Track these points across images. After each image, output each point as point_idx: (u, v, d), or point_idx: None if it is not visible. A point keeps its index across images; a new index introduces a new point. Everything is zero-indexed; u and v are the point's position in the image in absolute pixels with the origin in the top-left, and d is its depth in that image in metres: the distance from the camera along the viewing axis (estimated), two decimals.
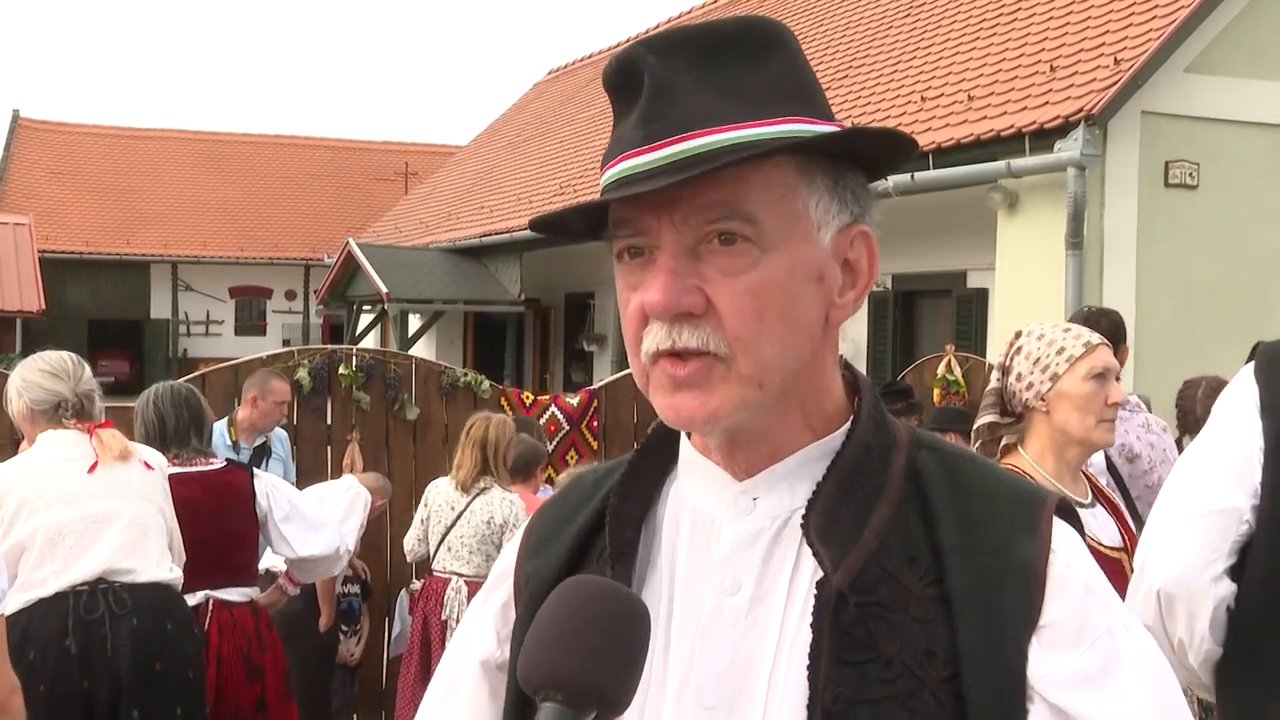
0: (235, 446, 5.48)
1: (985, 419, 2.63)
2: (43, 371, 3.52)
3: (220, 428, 5.58)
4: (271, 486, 4.17)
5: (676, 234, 0.94)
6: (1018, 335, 2.64)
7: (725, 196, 0.93)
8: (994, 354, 8.82)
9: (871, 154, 1.02)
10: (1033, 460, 2.54)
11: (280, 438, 5.85)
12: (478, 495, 4.95)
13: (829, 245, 0.99)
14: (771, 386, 0.96)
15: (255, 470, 4.28)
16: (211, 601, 3.94)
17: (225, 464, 4.13)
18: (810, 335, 0.98)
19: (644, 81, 0.96)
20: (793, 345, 0.96)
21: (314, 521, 4.23)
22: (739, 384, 0.95)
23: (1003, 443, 2.62)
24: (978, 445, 2.65)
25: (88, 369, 3.60)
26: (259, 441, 5.64)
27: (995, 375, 2.65)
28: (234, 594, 4.01)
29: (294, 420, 6.24)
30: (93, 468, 3.43)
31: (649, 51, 0.96)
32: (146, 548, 3.46)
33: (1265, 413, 2.04)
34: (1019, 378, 2.58)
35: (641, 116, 0.95)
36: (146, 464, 3.61)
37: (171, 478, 3.79)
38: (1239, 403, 2.09)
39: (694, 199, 0.93)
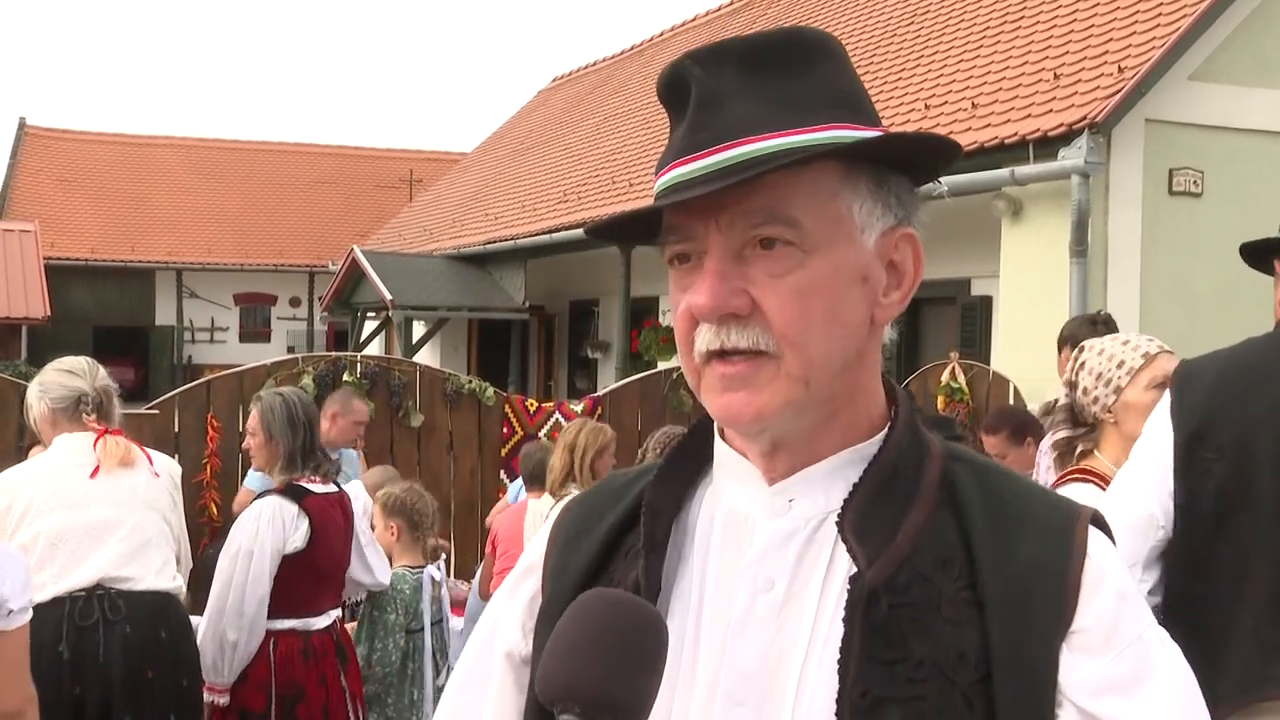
0: None
1: (1060, 434, 2.81)
2: (60, 371, 3.60)
3: None
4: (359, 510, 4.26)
5: (723, 238, 0.97)
6: (1080, 349, 2.80)
7: (769, 202, 0.96)
8: (998, 361, 8.84)
9: (913, 158, 1.04)
10: (1112, 465, 2.65)
11: (350, 458, 5.86)
12: (561, 500, 4.98)
13: (873, 247, 1.01)
14: (819, 385, 0.98)
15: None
16: (337, 621, 4.00)
17: (335, 486, 4.10)
18: (856, 335, 1.01)
19: (691, 92, 0.99)
20: (839, 344, 0.99)
21: (382, 550, 4.38)
22: (786, 381, 0.97)
23: (1078, 450, 2.76)
24: (1056, 457, 2.83)
25: (103, 370, 3.67)
26: (332, 454, 5.69)
27: (1063, 391, 2.81)
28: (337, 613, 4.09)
29: None
30: (94, 472, 3.45)
31: (695, 63, 0.99)
32: (147, 556, 3.47)
33: (1176, 423, 2.21)
34: (1085, 392, 2.73)
35: (690, 126, 0.99)
36: (154, 471, 3.61)
37: (320, 498, 3.84)
38: (1158, 418, 2.27)
39: (739, 204, 0.96)
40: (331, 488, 3.98)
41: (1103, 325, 4.04)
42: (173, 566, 3.58)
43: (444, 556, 4.87)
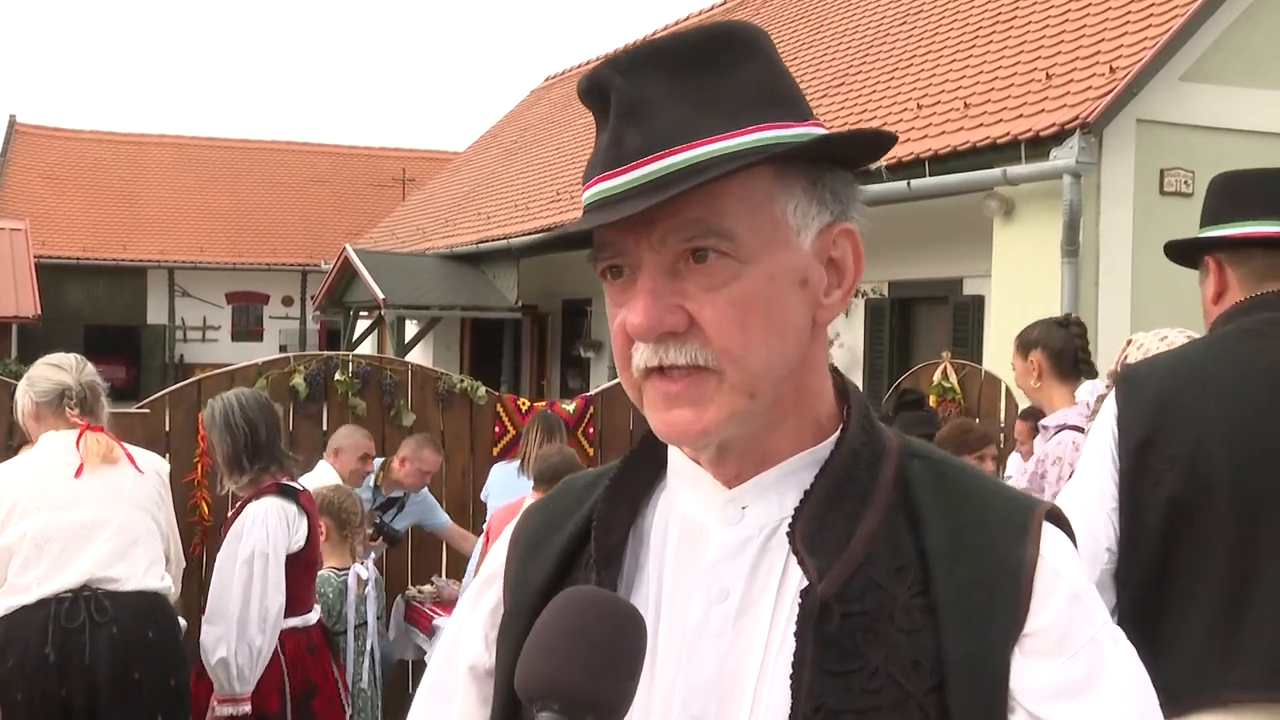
0: (375, 489, 5.69)
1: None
2: (47, 364, 3.59)
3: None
4: None
5: (655, 254, 0.94)
6: (1128, 343, 2.83)
7: (701, 214, 0.93)
8: (990, 361, 8.85)
9: (849, 152, 1.01)
10: None
11: (428, 503, 5.97)
12: None
13: (810, 248, 0.98)
14: (763, 394, 0.96)
15: None
16: (319, 620, 3.98)
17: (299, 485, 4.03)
18: (798, 339, 0.98)
19: (611, 100, 0.95)
20: (780, 352, 0.96)
21: None
22: (730, 395, 0.95)
23: None
24: None
25: (91, 366, 3.64)
26: (395, 494, 5.78)
27: (1106, 383, 2.84)
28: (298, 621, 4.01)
29: (290, 426, 6.24)
30: (78, 472, 3.42)
31: (614, 70, 0.96)
32: (134, 556, 3.43)
33: (1122, 430, 2.17)
34: None
35: (612, 138, 0.95)
36: (138, 468, 3.57)
37: (305, 495, 3.85)
38: (1101, 426, 2.23)
39: (670, 219, 0.93)
40: (298, 485, 3.98)
41: (1075, 327, 3.99)
42: (161, 566, 3.54)
43: (374, 556, 4.88)
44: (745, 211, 0.94)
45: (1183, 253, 2.43)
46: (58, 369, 3.57)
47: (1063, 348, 3.82)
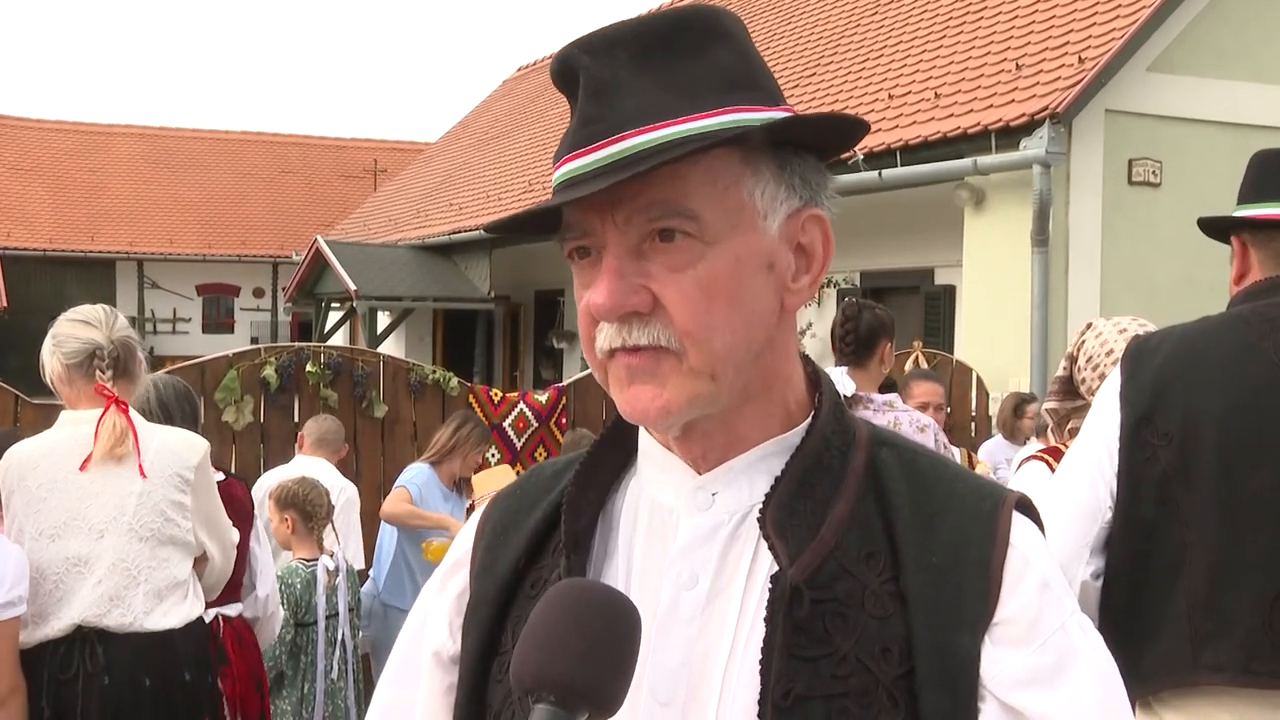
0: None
1: (1048, 404, 2.90)
2: (73, 321, 3.20)
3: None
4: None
5: (620, 234, 0.94)
6: (1088, 326, 2.85)
7: (666, 194, 0.93)
8: (961, 350, 8.91)
9: (818, 137, 1.01)
10: None
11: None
12: None
13: (778, 232, 0.98)
14: (725, 378, 0.95)
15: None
16: (220, 618, 3.76)
17: (225, 475, 3.84)
18: (764, 324, 0.97)
19: (580, 82, 0.95)
20: (744, 335, 0.96)
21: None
22: (691, 377, 0.94)
23: (1069, 426, 2.81)
24: (1053, 426, 2.93)
25: (123, 319, 3.26)
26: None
27: (1063, 364, 2.87)
28: (233, 609, 3.83)
29: (261, 418, 6.21)
30: (84, 464, 3.01)
31: (584, 51, 0.96)
32: (131, 598, 3.02)
33: (1124, 402, 2.19)
34: (1079, 369, 2.79)
35: (581, 118, 0.95)
36: (143, 473, 3.08)
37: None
38: (1106, 395, 2.24)
39: (635, 198, 0.93)
40: (220, 475, 3.82)
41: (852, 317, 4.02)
42: (175, 596, 3.10)
43: (340, 546, 4.85)
44: (711, 193, 0.94)
45: (1214, 230, 2.41)
46: (86, 325, 3.16)
47: None
